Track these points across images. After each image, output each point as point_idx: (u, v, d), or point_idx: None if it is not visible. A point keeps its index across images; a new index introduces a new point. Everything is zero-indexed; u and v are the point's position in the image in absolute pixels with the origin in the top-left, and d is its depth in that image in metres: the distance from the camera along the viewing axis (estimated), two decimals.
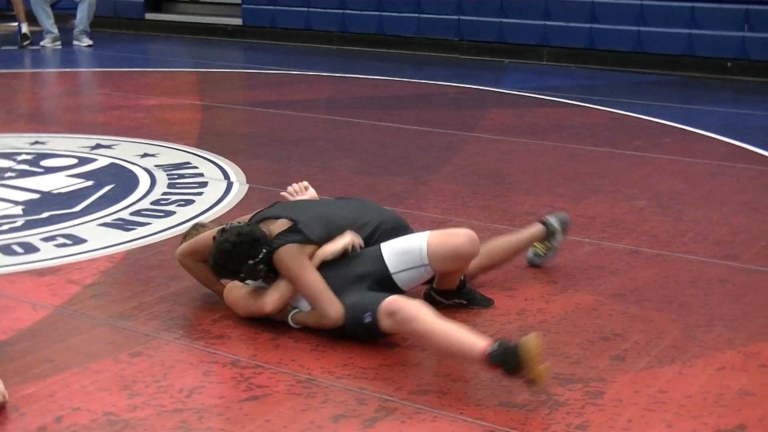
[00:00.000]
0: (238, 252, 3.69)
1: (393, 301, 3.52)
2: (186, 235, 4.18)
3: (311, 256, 3.77)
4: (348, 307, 3.65)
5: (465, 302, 4.03)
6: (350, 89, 9.57)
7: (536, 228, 4.43)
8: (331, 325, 3.67)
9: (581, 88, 9.26)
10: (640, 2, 10.07)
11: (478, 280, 4.24)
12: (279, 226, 3.82)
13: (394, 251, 3.81)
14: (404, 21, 11.40)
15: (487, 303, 4.06)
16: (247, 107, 8.69)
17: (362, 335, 3.62)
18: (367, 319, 3.56)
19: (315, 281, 3.70)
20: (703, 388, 3.35)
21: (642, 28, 10.04)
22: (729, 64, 9.81)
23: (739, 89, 9.59)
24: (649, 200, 5.64)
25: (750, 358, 3.59)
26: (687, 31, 9.83)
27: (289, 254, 3.72)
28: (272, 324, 3.82)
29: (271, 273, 3.78)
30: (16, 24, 11.98)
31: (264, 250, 3.71)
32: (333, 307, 3.66)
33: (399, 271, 3.79)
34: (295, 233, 3.77)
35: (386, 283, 3.77)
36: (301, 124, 7.78)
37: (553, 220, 4.45)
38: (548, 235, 4.44)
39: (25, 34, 11.77)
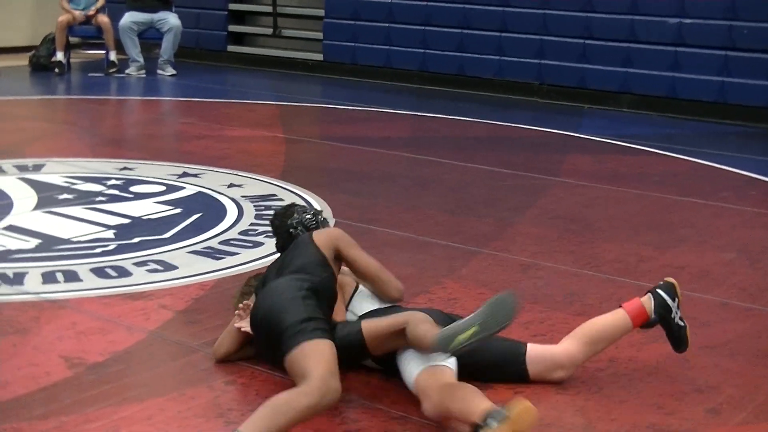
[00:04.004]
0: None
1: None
2: (242, 293, 3.99)
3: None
4: None
5: None
6: (430, 128, 9.61)
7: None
8: None
9: (662, 137, 9.19)
10: (724, 53, 9.99)
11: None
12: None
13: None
14: (485, 63, 11.43)
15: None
16: (329, 141, 8.77)
17: None
18: None
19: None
20: None
21: (725, 79, 9.95)
22: None
23: None
24: (737, 252, 5.58)
25: None
26: None
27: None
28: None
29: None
30: (104, 52, 12.24)
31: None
32: None
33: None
34: None
35: None
36: (383, 161, 7.83)
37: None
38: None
39: (112, 61, 12.02)
